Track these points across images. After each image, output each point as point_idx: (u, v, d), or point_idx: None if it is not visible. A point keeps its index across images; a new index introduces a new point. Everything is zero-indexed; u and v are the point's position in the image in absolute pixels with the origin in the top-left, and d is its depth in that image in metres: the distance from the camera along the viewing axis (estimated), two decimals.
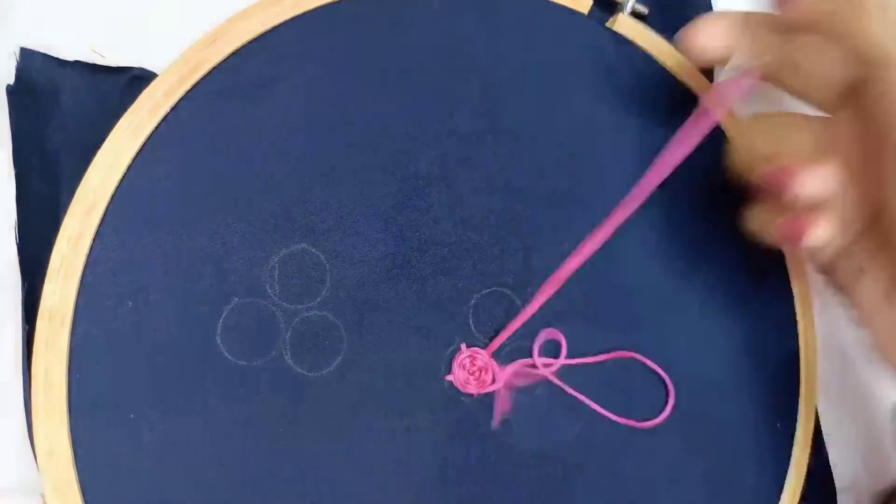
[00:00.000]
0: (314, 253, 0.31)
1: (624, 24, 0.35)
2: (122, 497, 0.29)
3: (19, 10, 0.35)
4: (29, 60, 0.34)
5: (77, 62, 0.34)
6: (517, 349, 0.33)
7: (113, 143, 0.30)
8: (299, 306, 0.31)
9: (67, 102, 0.34)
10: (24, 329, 0.30)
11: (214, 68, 0.31)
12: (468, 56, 0.34)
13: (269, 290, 0.31)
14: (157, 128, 0.30)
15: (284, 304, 0.31)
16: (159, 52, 0.32)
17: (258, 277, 0.31)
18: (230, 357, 0.30)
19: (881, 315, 0.31)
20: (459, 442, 0.32)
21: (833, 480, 0.39)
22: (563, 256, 0.34)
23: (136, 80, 0.35)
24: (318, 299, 0.31)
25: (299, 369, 0.31)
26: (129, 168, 0.30)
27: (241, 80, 0.31)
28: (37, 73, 0.34)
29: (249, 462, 0.30)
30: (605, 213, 0.34)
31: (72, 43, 0.34)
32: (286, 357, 0.31)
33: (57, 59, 0.34)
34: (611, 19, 0.36)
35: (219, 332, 0.30)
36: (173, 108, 0.30)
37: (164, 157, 0.30)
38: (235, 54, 0.31)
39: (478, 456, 0.32)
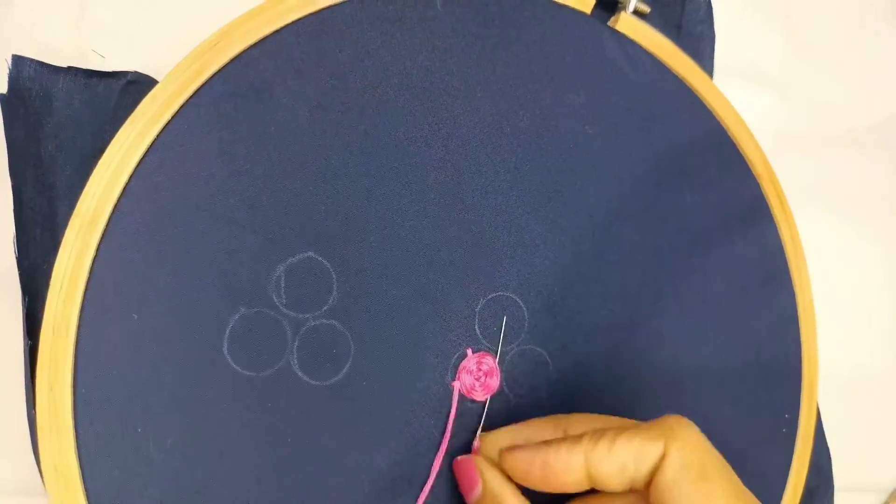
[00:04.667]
0: (320, 261, 0.31)
1: (626, 23, 0.35)
2: None
3: (22, 13, 0.34)
4: (21, 68, 0.33)
5: (70, 68, 0.33)
6: (524, 353, 0.33)
7: (114, 152, 0.29)
8: (306, 315, 0.30)
9: (61, 110, 0.33)
10: (26, 343, 0.29)
11: (216, 74, 0.30)
12: (471, 57, 0.33)
13: (276, 300, 0.30)
14: (159, 136, 0.29)
15: (291, 313, 0.30)
16: (165, 56, 0.31)
17: (264, 287, 0.30)
18: (238, 368, 0.30)
19: None
20: (466, 446, 0.32)
21: (832, 478, 0.40)
22: (566, 259, 0.34)
23: (131, 85, 0.34)
24: (325, 308, 0.31)
25: (307, 379, 0.30)
26: (132, 178, 0.29)
27: (244, 86, 0.30)
28: (29, 80, 0.33)
29: (258, 473, 0.29)
30: (606, 210, 0.34)
31: (75, 47, 0.34)
32: (294, 367, 0.30)
33: (49, 65, 0.33)
34: (613, 18, 0.36)
35: (226, 342, 0.29)
36: (175, 116, 0.30)
37: (166, 166, 0.29)
38: (238, 58, 0.30)
39: None
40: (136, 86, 0.34)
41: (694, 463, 0.26)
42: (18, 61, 0.33)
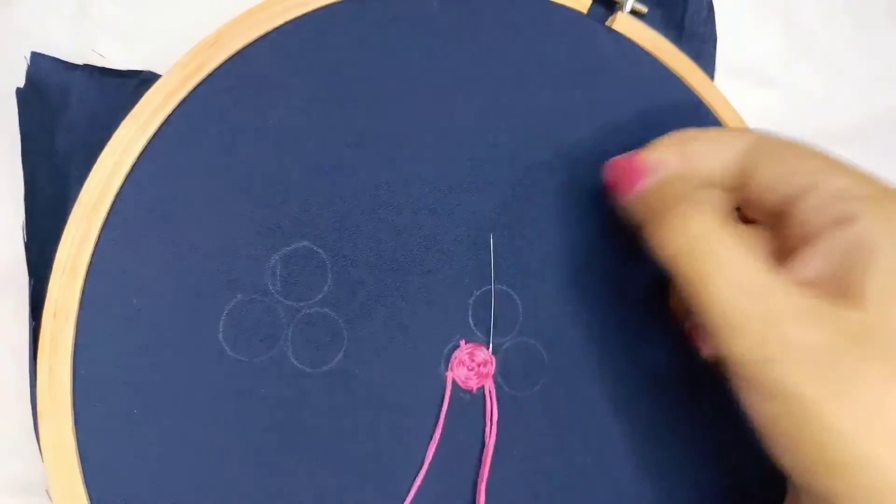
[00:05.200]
0: (316, 250, 0.32)
1: (623, 23, 0.36)
2: (126, 490, 0.29)
3: (21, 12, 0.36)
4: (39, 64, 0.34)
5: (86, 66, 0.35)
6: (518, 345, 0.33)
7: (117, 143, 0.30)
8: (301, 303, 0.31)
9: (76, 106, 0.35)
10: (30, 325, 0.30)
11: (217, 69, 0.31)
12: (468, 55, 0.34)
13: (272, 288, 0.31)
14: (160, 128, 0.31)
15: (286, 301, 0.31)
16: (165, 55, 0.32)
17: (260, 275, 0.31)
18: (233, 354, 0.30)
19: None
20: (461, 438, 0.32)
21: None
22: (561, 253, 0.34)
23: (144, 84, 0.35)
24: (320, 296, 0.31)
25: (301, 365, 0.31)
26: (133, 168, 0.30)
27: (244, 81, 0.31)
28: (46, 76, 0.34)
29: (253, 457, 0.30)
30: (601, 206, 0.35)
31: (75, 46, 0.35)
32: (289, 353, 0.31)
33: (66, 62, 0.35)
34: (610, 17, 0.36)
35: (221, 329, 0.30)
36: (176, 109, 0.31)
37: (167, 157, 0.31)
38: (238, 55, 0.31)
39: (479, 452, 0.32)
40: (147, 85, 0.35)
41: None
42: (36, 57, 0.34)
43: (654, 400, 0.35)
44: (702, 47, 0.39)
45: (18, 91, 0.34)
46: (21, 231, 0.32)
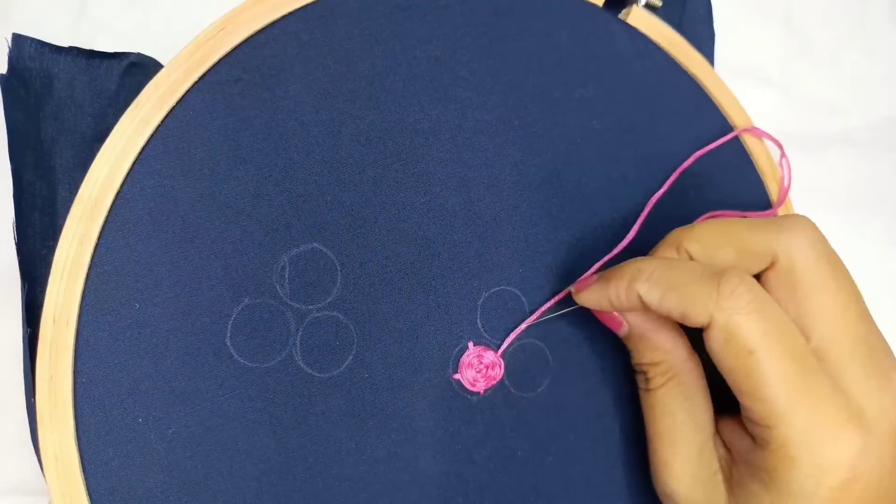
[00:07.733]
0: (325, 252, 0.30)
1: (637, 16, 0.35)
2: (130, 501, 0.28)
3: (21, 12, 0.34)
4: (21, 47, 0.32)
5: (72, 48, 0.33)
6: (523, 346, 0.33)
7: (117, 137, 0.28)
8: (310, 307, 0.30)
9: (61, 91, 0.33)
10: (25, 332, 0.29)
11: (222, 59, 0.30)
12: (480, 47, 0.33)
13: (280, 291, 0.30)
14: (163, 122, 0.29)
15: (295, 304, 0.30)
16: (164, 56, 0.31)
17: (268, 277, 0.30)
18: (240, 359, 0.29)
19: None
20: (468, 439, 0.32)
21: None
22: (569, 254, 0.34)
23: (133, 67, 0.34)
24: (329, 299, 0.30)
25: (310, 370, 0.30)
26: (135, 164, 0.29)
27: (250, 71, 0.30)
28: (29, 60, 0.32)
29: (259, 464, 0.29)
30: (612, 206, 0.34)
31: (70, 45, 0.33)
32: (297, 358, 0.30)
33: (50, 45, 0.33)
34: (624, 11, 0.35)
35: (228, 333, 0.29)
36: (180, 102, 0.29)
37: (170, 154, 0.29)
38: (244, 44, 0.30)
39: (485, 453, 0.32)
40: (138, 68, 0.34)
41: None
42: (19, 40, 0.32)
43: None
44: (699, 45, 0.39)
45: (1, 77, 0.32)
46: (12, 230, 0.30)
